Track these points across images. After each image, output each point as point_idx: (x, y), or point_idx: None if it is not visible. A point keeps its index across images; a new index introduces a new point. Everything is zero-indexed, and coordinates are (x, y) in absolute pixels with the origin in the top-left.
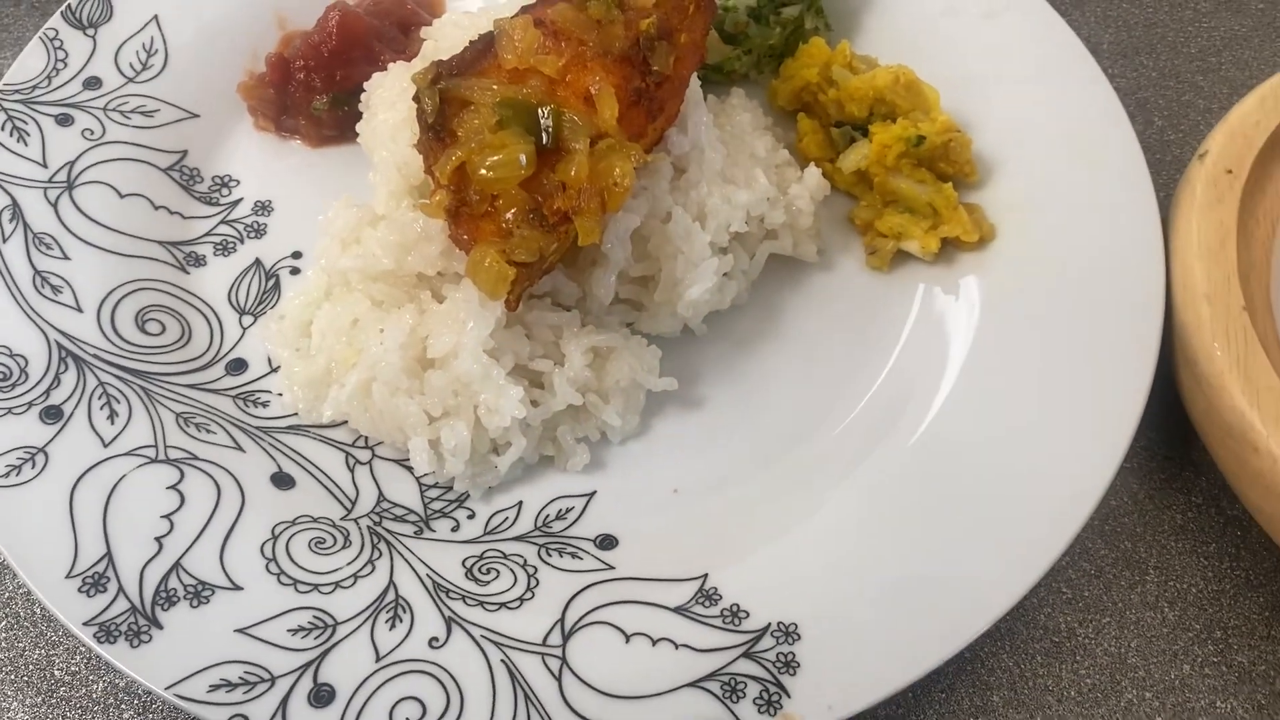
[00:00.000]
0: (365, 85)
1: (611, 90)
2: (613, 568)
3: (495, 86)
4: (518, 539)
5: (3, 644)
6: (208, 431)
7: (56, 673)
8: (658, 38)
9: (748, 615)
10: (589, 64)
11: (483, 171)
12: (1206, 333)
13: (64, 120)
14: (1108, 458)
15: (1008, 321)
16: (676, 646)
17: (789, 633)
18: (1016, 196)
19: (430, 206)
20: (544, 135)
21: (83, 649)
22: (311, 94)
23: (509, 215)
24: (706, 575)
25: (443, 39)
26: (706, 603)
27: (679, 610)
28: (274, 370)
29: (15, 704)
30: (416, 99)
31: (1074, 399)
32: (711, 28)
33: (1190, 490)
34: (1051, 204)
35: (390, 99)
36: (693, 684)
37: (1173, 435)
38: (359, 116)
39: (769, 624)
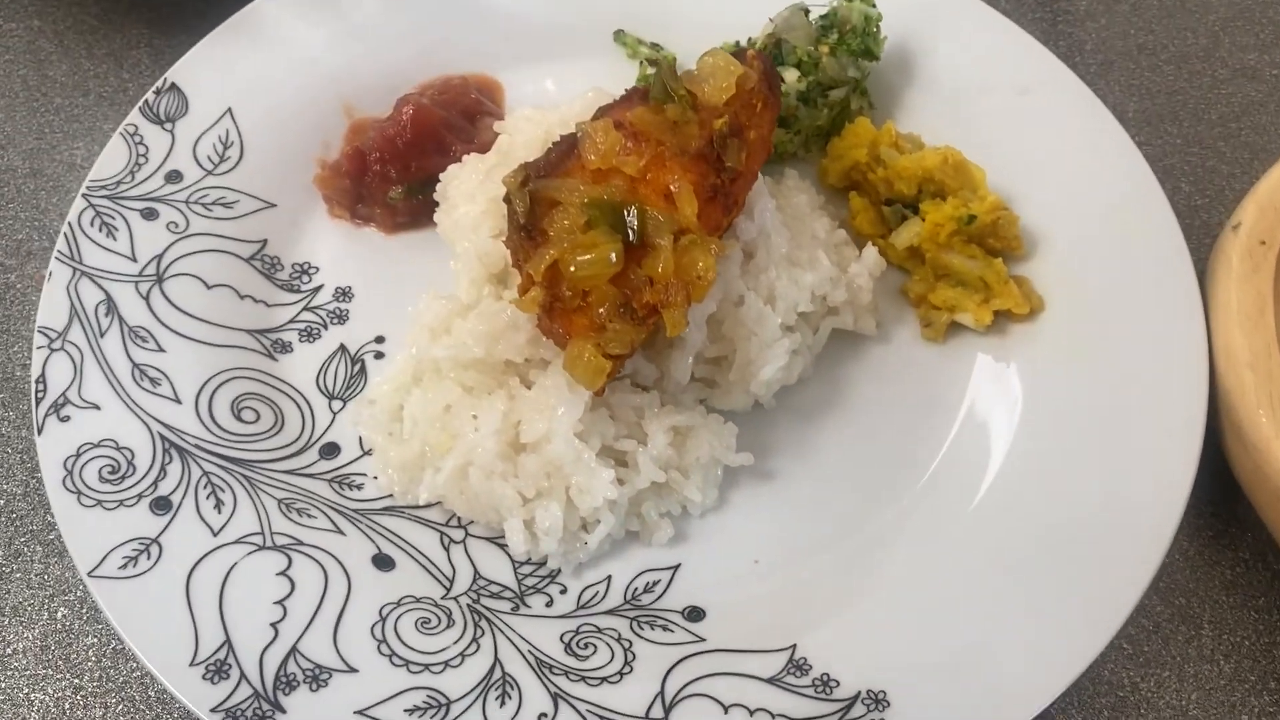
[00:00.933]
0: (440, 175)
1: (690, 188)
2: (704, 639)
3: (582, 187)
4: (609, 613)
5: None
6: (309, 516)
7: None
8: (730, 135)
9: (838, 684)
10: (667, 163)
11: (574, 269)
12: (1250, 399)
13: (149, 214)
14: (1166, 519)
15: (1059, 390)
16: (774, 716)
17: (879, 700)
18: (1062, 269)
19: (524, 302)
20: (630, 233)
21: None
22: (387, 184)
23: (601, 310)
24: (795, 646)
25: (516, 133)
26: (798, 673)
27: (772, 681)
28: (366, 453)
29: None
30: (507, 200)
31: (1129, 465)
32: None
33: (1238, 546)
34: (1095, 275)
35: (468, 191)
36: None
37: (1220, 495)
38: (431, 204)
39: (859, 692)
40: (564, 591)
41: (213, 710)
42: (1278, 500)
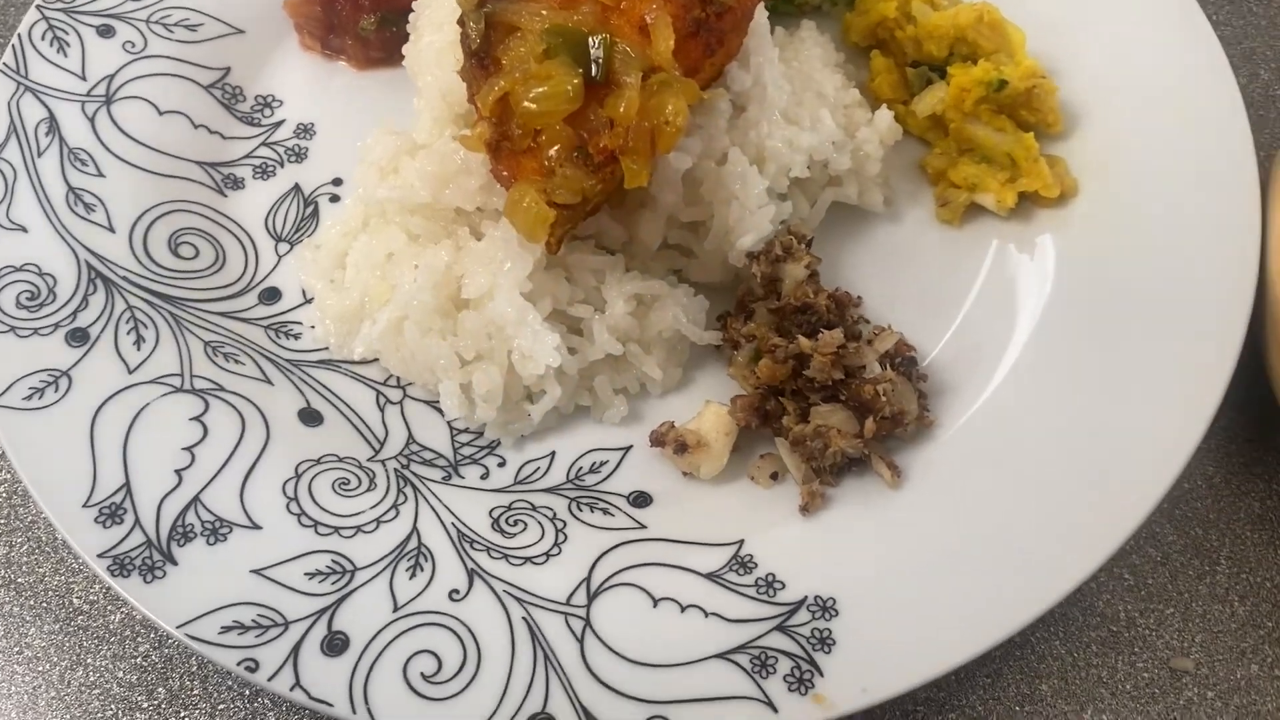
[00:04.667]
0: (414, 4)
1: (668, 20)
2: (644, 527)
3: (545, 12)
4: (548, 490)
5: (24, 568)
6: (236, 362)
7: (75, 601)
8: None
9: (783, 586)
10: None
11: (526, 104)
12: None
13: (105, 31)
14: (1184, 437)
15: (1085, 286)
16: (706, 615)
17: (826, 607)
18: (1103, 151)
19: (470, 139)
20: (594, 67)
21: (102, 579)
22: (359, 13)
23: (552, 152)
24: (742, 541)
25: None
26: (740, 570)
27: (711, 576)
28: (308, 301)
29: (34, 630)
30: (461, 22)
31: (1151, 373)
32: None
33: (1272, 477)
34: (1141, 162)
35: (438, 20)
36: (720, 655)
37: (1256, 418)
38: (407, 38)
39: (805, 597)
40: (502, 465)
41: (99, 555)
42: None
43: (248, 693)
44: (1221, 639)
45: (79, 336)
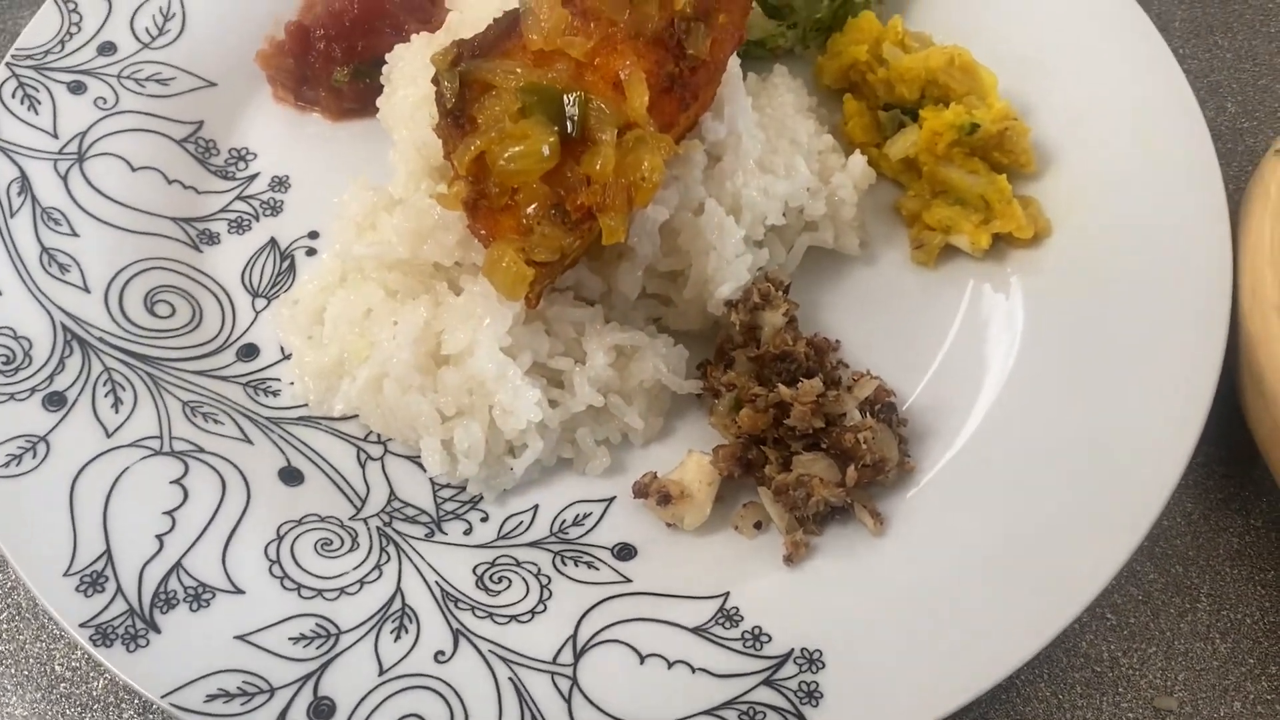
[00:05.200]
0: (387, 57)
1: (642, 76)
2: (630, 580)
3: (519, 70)
4: (532, 545)
5: (4, 636)
6: (215, 422)
7: (57, 668)
8: (694, 19)
9: (770, 639)
10: (619, 46)
11: (502, 163)
12: (1276, 346)
13: (76, 88)
14: (1163, 478)
15: (1059, 327)
16: (694, 670)
17: (813, 660)
18: (1075, 191)
19: (447, 198)
20: (569, 124)
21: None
22: (332, 64)
23: (529, 210)
24: (728, 594)
25: (468, 10)
26: (727, 624)
27: (698, 631)
28: (286, 357)
29: (14, 699)
30: (435, 81)
31: (1128, 412)
32: (753, 5)
33: (1250, 512)
34: (1113, 200)
35: (412, 74)
36: (708, 712)
37: (1233, 452)
38: (381, 89)
39: (792, 650)
40: (485, 519)
41: (81, 625)
42: None
43: None
44: (1204, 677)
45: (56, 400)
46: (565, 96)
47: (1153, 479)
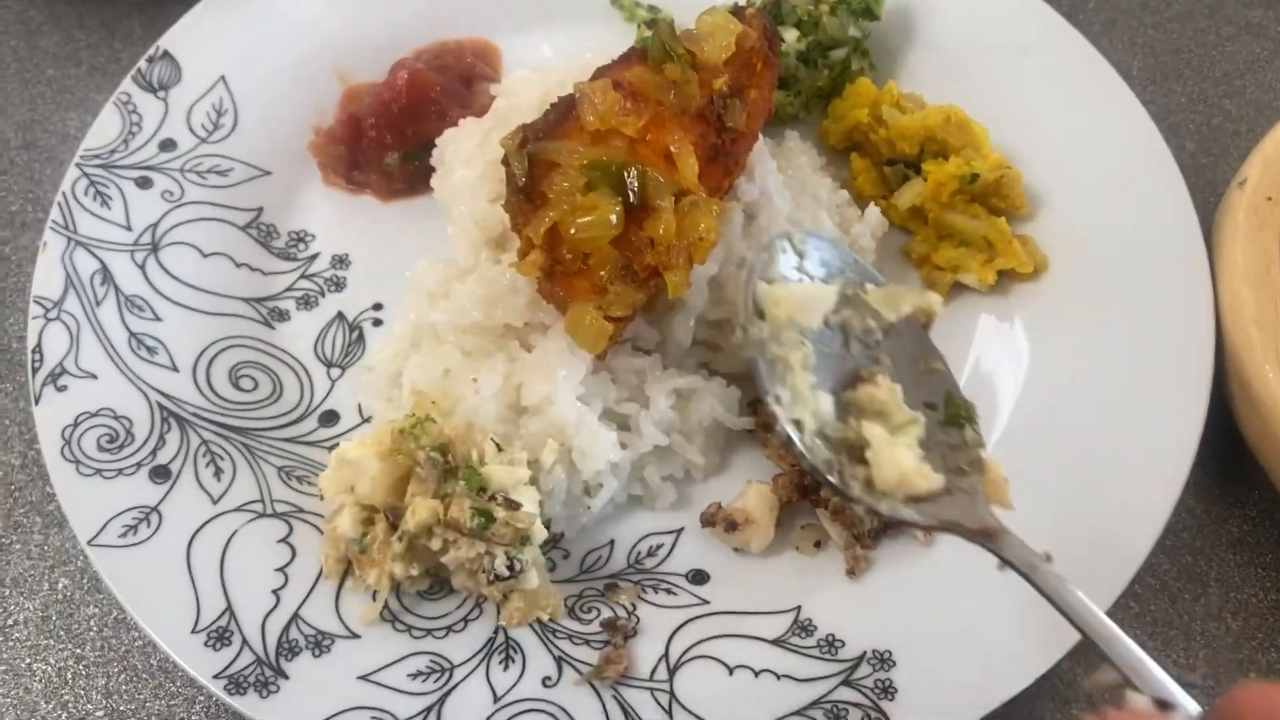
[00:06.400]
0: (436, 140)
1: (691, 148)
2: (708, 602)
3: (580, 149)
4: (612, 576)
5: (124, 695)
6: (309, 484)
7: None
8: (730, 95)
9: (843, 644)
10: (667, 123)
11: (574, 231)
12: (1258, 356)
13: (143, 183)
14: (1173, 476)
15: (1062, 348)
16: (779, 677)
17: (884, 660)
18: (1066, 228)
19: (524, 266)
20: (630, 194)
21: (202, 699)
22: (383, 150)
23: (602, 273)
24: (799, 607)
25: (513, 95)
26: (802, 634)
27: (777, 642)
28: (365, 420)
29: None
30: (505, 162)
31: (1134, 421)
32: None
33: (1245, 504)
34: (1100, 234)
35: (465, 155)
36: (797, 713)
37: (1226, 453)
38: (428, 170)
39: (865, 652)
40: (566, 557)
41: (216, 676)
42: None
43: None
44: (1221, 653)
45: (161, 473)
46: (625, 170)
47: (1164, 479)
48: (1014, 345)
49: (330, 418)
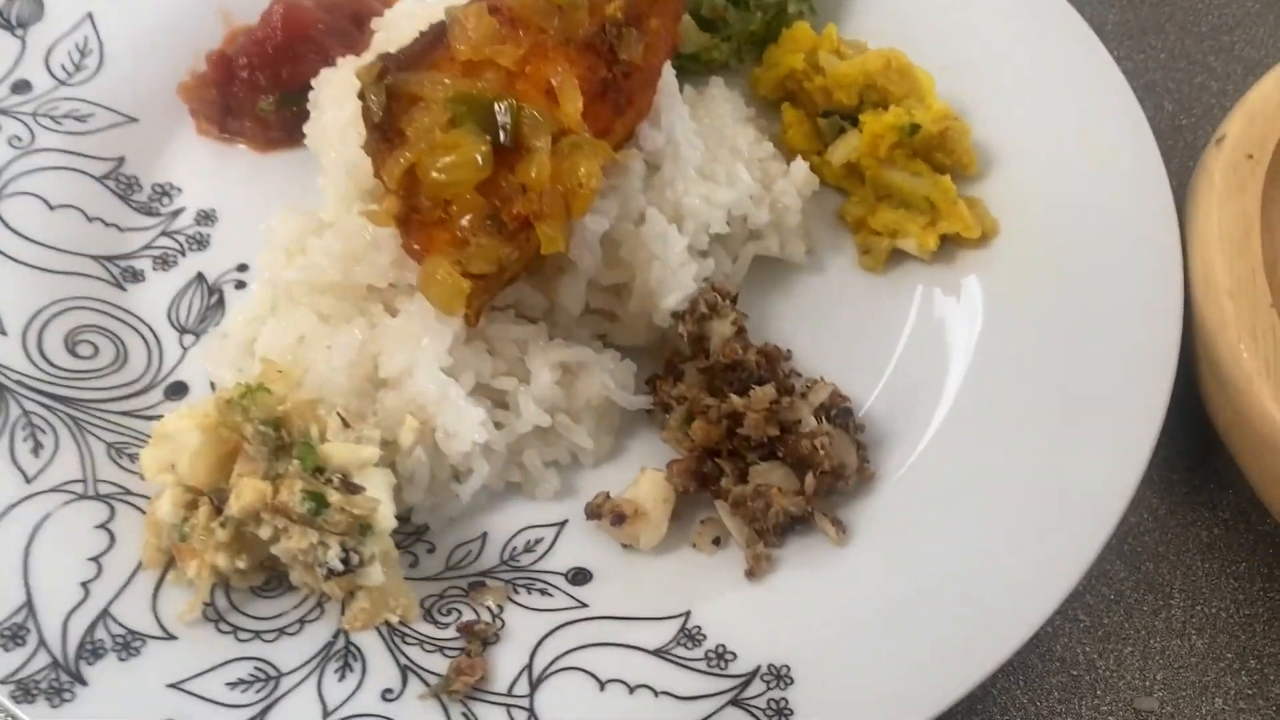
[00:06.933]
0: (313, 82)
1: (575, 82)
2: (586, 605)
3: (447, 81)
4: (482, 574)
5: None
6: None
7: None
8: (625, 24)
9: (735, 657)
10: (550, 54)
11: (435, 174)
12: (1231, 332)
13: None
14: (1127, 472)
15: (1013, 325)
16: (656, 694)
17: (780, 676)
18: (1020, 189)
19: (378, 214)
20: (501, 133)
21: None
22: (257, 94)
23: (464, 222)
24: (689, 613)
25: (394, 30)
26: (689, 644)
27: (659, 653)
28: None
29: None
30: (361, 96)
31: (1088, 408)
32: (686, 13)
33: (1216, 505)
34: (1058, 196)
35: (339, 96)
36: None
37: (1195, 445)
38: (308, 116)
39: (758, 667)
40: (431, 550)
41: (1, 682)
42: (1260, 448)
43: None
44: (1183, 674)
45: None
46: (496, 104)
47: (1117, 473)
48: (955, 321)
49: (178, 389)
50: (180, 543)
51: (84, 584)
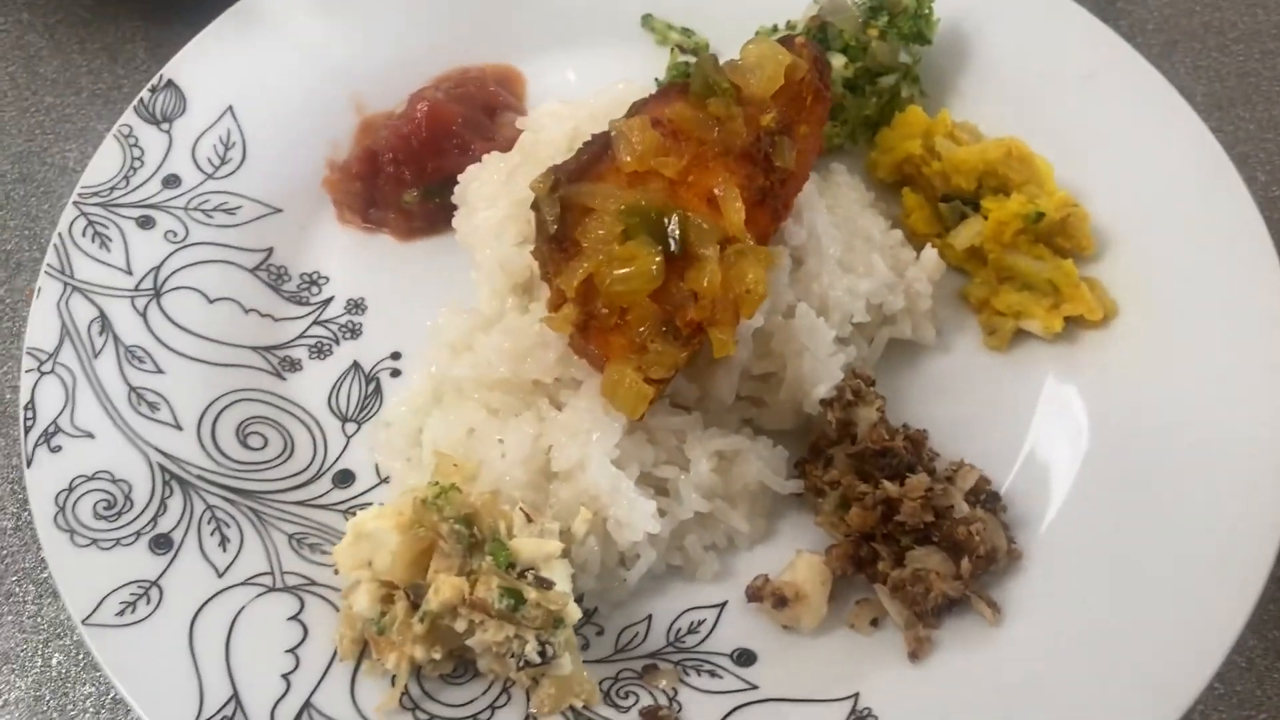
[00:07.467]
0: (458, 176)
1: (736, 191)
2: (756, 686)
3: (617, 192)
4: (651, 656)
5: None
6: (323, 553)
7: None
8: (779, 132)
9: None
10: (710, 164)
11: (611, 284)
12: None
13: (145, 223)
14: (1259, 552)
15: (1136, 405)
16: None
17: None
18: (1135, 270)
19: (556, 321)
20: (671, 242)
21: None
22: (401, 187)
23: (641, 329)
24: (858, 695)
25: (540, 130)
26: None
27: None
28: (383, 481)
29: None
30: (535, 207)
31: (1213, 487)
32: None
33: None
34: (1173, 277)
35: (489, 194)
36: None
37: None
38: (449, 207)
39: None
40: (600, 633)
41: None
42: None
43: None
44: None
45: (162, 543)
46: (666, 216)
47: (1250, 553)
48: (1082, 401)
49: (345, 478)
50: (378, 635)
51: (284, 676)
